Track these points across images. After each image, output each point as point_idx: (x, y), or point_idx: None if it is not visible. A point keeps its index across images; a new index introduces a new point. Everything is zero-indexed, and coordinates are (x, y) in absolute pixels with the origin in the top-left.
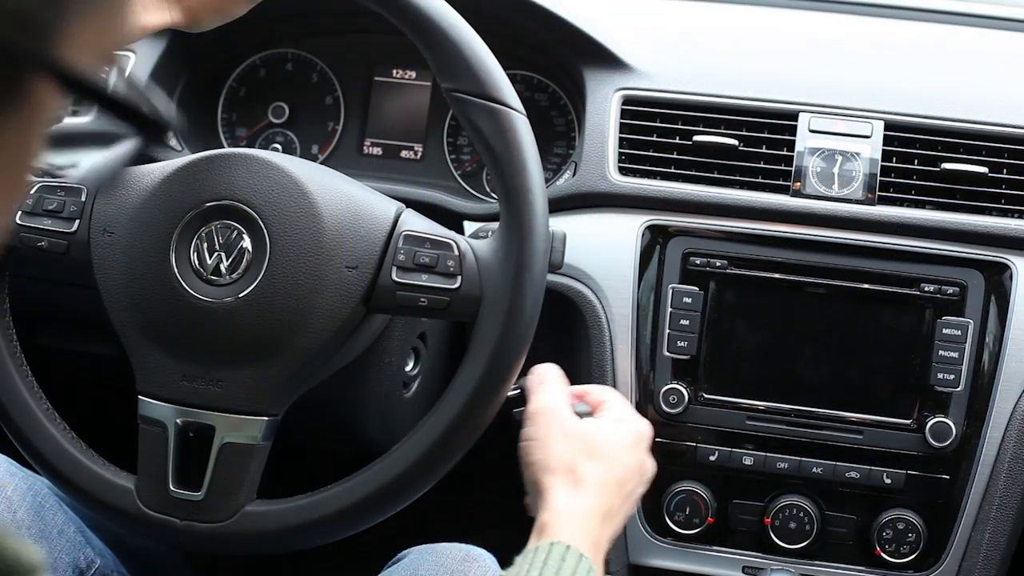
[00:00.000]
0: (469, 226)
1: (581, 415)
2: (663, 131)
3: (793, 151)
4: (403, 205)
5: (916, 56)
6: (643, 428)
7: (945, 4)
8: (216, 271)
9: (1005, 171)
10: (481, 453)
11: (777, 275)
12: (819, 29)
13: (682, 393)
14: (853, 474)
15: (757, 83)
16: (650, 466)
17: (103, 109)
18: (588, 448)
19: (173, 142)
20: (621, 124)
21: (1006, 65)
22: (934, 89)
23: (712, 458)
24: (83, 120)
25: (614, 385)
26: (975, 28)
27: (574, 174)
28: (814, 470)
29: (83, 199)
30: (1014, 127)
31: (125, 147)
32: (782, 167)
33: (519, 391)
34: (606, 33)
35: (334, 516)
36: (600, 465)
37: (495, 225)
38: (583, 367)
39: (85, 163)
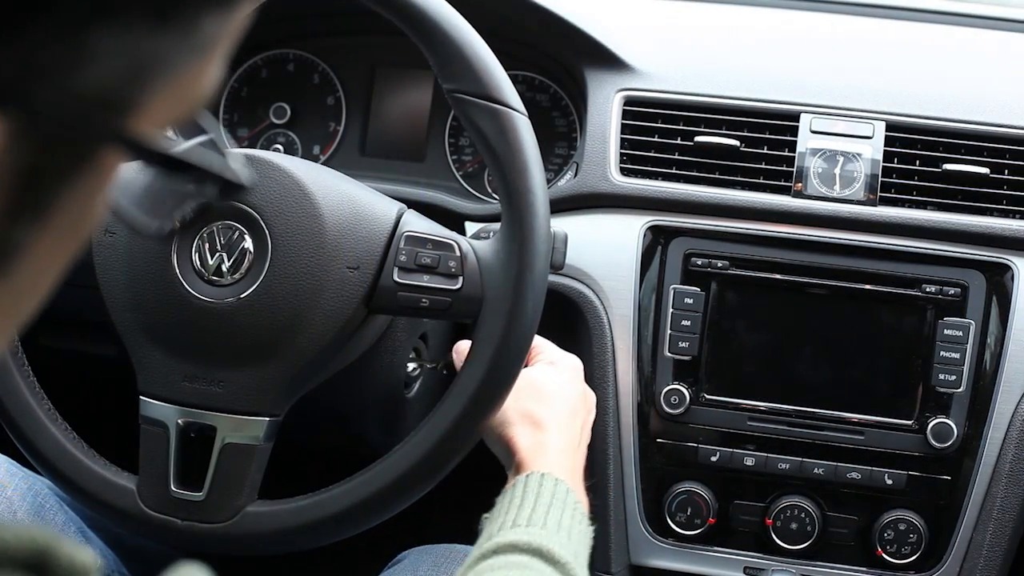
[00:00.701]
0: (470, 227)
1: None
2: (664, 132)
3: (794, 152)
4: (404, 206)
5: (917, 57)
6: (575, 362)
7: (946, 5)
8: (218, 271)
9: (1006, 172)
10: (482, 454)
11: (778, 276)
12: (821, 30)
13: (683, 394)
14: (854, 475)
15: (758, 84)
16: (592, 395)
17: (172, 172)
18: (536, 394)
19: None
20: (622, 125)
21: (1007, 66)
22: (935, 90)
23: (713, 459)
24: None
25: (615, 386)
26: (976, 29)
27: (575, 175)
28: (815, 471)
29: None
30: (1015, 128)
31: (193, 197)
32: (783, 168)
33: (446, 369)
34: (607, 34)
35: (335, 517)
36: (552, 406)
37: (496, 226)
38: (584, 367)
39: (154, 214)
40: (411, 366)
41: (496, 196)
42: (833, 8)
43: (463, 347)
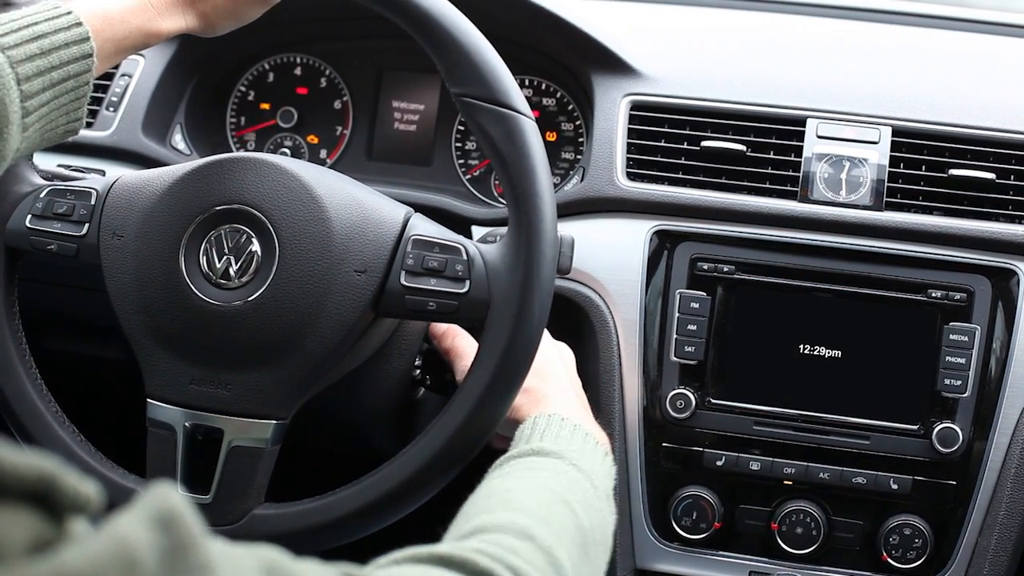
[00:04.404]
0: (477, 231)
1: None
2: (671, 136)
3: (801, 157)
4: (411, 209)
5: (924, 62)
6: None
7: (953, 11)
8: (225, 275)
9: (1012, 177)
10: (488, 457)
11: (784, 280)
12: (827, 35)
13: (689, 398)
14: (860, 479)
15: (765, 89)
16: (565, 351)
17: None
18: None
19: (182, 145)
20: (629, 129)
21: (1014, 71)
22: (942, 95)
23: (719, 463)
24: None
25: (621, 390)
26: (983, 35)
27: (582, 179)
28: (821, 475)
29: (93, 203)
30: (1021, 133)
31: None
32: (790, 173)
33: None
34: (614, 39)
35: (343, 519)
36: (548, 379)
37: (503, 230)
38: (590, 371)
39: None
40: (418, 370)
41: (503, 200)
42: (839, 14)
43: (461, 348)
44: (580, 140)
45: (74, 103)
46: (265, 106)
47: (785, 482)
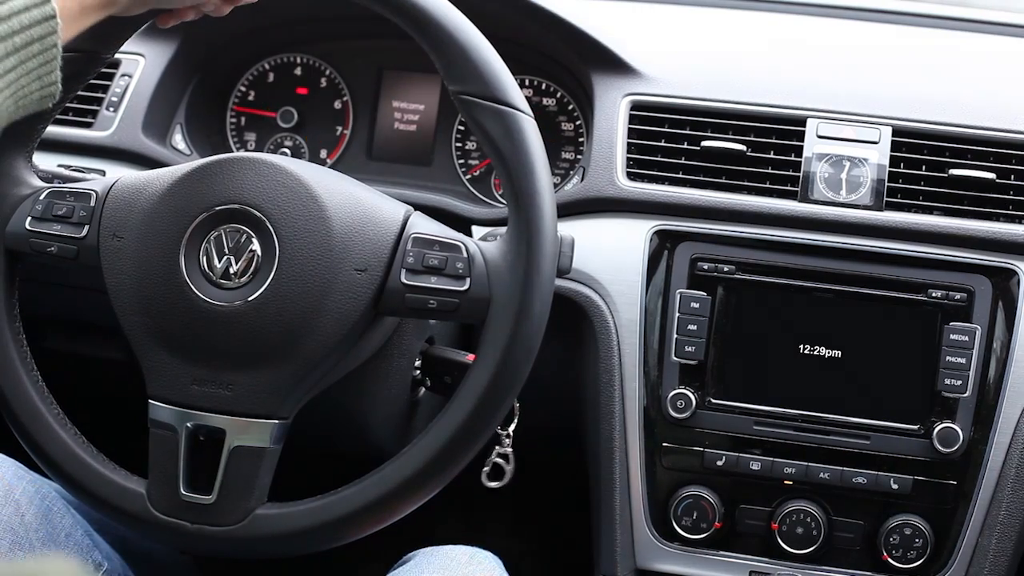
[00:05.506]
0: (477, 231)
1: None
2: (671, 136)
3: (801, 157)
4: (411, 208)
5: (924, 62)
6: None
7: (953, 11)
8: (225, 274)
9: (1012, 177)
10: (487, 457)
11: (785, 280)
12: (827, 35)
13: (689, 398)
14: (860, 479)
15: (765, 89)
16: None
17: None
18: None
19: (182, 145)
20: (629, 129)
21: (1014, 71)
22: (942, 95)
23: (719, 463)
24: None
25: (621, 390)
26: (983, 35)
27: (582, 179)
28: (821, 475)
29: (93, 204)
30: (1021, 133)
31: None
32: (790, 172)
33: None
34: (615, 39)
35: (344, 519)
36: None
37: (503, 230)
38: (591, 372)
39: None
40: (418, 370)
41: (503, 200)
42: (839, 14)
43: None
44: (580, 140)
45: (44, 67)
46: (265, 106)
47: (785, 482)
